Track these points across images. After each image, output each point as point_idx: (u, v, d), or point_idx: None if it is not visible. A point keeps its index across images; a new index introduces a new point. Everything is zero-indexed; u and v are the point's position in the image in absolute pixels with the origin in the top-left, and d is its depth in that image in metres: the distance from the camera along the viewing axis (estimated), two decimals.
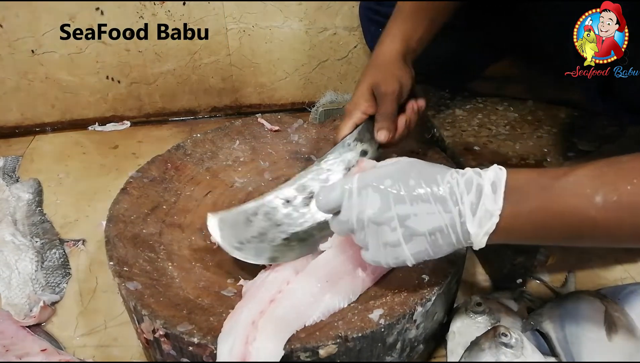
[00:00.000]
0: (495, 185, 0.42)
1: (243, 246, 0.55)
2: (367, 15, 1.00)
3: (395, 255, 0.45)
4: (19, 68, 1.05)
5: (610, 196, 0.39)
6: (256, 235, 0.56)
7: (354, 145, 0.62)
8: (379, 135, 0.62)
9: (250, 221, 0.57)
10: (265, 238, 0.56)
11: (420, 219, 0.43)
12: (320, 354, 0.48)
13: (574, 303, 0.59)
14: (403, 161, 0.47)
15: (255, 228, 0.57)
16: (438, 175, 0.44)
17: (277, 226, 0.57)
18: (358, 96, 0.64)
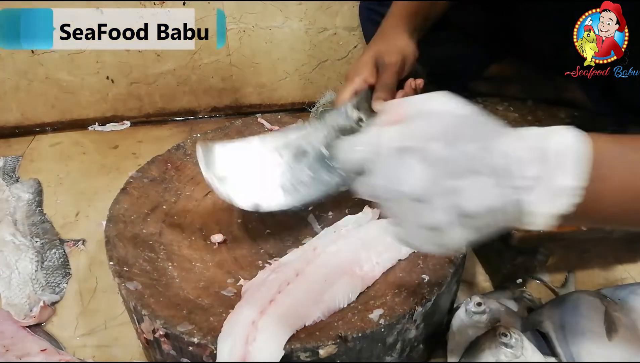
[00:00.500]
0: (574, 154, 0.33)
1: (226, 178, 0.56)
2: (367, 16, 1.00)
3: (437, 240, 0.34)
4: (19, 68, 1.05)
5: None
6: (245, 175, 0.58)
7: (350, 112, 0.62)
8: (376, 104, 0.61)
9: (241, 160, 0.58)
10: (250, 176, 0.58)
11: (472, 196, 0.32)
12: (320, 354, 0.48)
13: (574, 303, 0.59)
14: (449, 113, 0.36)
15: (244, 164, 0.58)
16: (496, 138, 0.34)
17: (266, 172, 0.59)
18: (361, 63, 0.64)
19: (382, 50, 0.63)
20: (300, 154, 0.60)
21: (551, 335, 0.57)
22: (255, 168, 0.58)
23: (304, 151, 0.60)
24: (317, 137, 0.60)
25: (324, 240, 0.60)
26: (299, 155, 0.59)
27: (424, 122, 0.34)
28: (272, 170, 0.58)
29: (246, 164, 0.58)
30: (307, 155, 0.60)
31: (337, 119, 0.61)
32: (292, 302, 0.50)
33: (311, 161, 0.59)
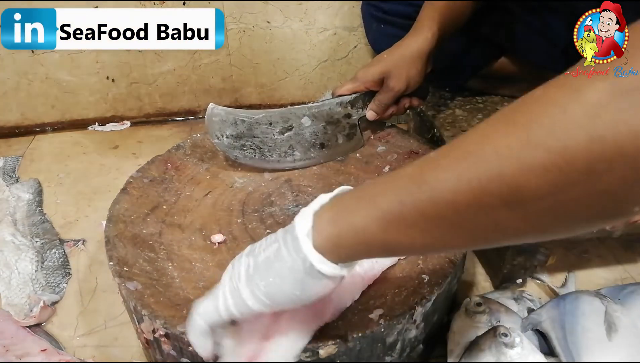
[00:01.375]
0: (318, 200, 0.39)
1: (221, 138, 0.71)
2: (369, 12, 1.00)
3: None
4: (19, 68, 1.05)
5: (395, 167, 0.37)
6: (235, 134, 0.71)
7: (344, 106, 0.73)
8: (368, 113, 0.74)
9: (236, 123, 0.71)
10: (239, 140, 0.71)
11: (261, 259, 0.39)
12: (320, 354, 0.48)
13: (574, 303, 0.59)
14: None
15: (237, 129, 0.71)
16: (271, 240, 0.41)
17: (253, 137, 0.72)
18: (371, 72, 0.70)
19: (393, 72, 0.69)
20: (287, 128, 0.72)
21: (551, 335, 0.57)
22: (246, 131, 0.72)
23: (290, 126, 0.73)
24: (306, 120, 0.73)
25: None
26: (284, 130, 0.72)
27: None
28: (260, 136, 0.72)
29: (241, 125, 0.71)
30: (291, 130, 0.73)
31: (334, 108, 0.73)
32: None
33: (292, 136, 0.73)
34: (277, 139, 0.72)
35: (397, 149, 0.78)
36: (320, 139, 0.74)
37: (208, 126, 0.71)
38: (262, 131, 0.72)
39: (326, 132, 0.74)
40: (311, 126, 0.73)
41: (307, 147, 0.74)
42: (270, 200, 0.70)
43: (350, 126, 0.75)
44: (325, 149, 0.74)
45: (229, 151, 0.72)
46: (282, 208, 0.69)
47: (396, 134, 0.81)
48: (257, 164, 0.73)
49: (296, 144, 0.73)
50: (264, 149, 0.72)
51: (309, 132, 0.73)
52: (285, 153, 0.73)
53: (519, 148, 0.28)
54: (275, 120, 0.72)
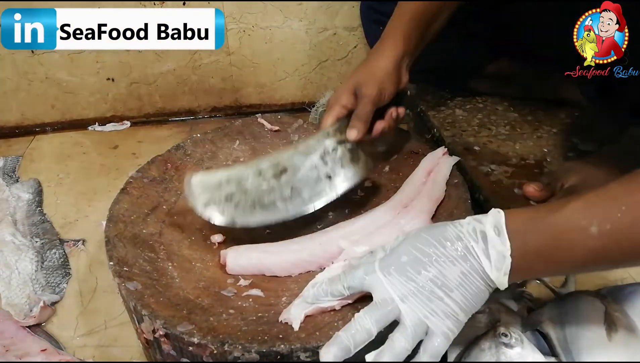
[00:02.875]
0: (497, 229, 0.45)
1: (209, 206, 0.60)
2: (368, 15, 1.00)
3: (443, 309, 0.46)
4: (19, 68, 1.05)
5: (603, 226, 0.42)
6: (223, 198, 0.60)
7: (333, 134, 0.65)
8: (349, 133, 0.64)
9: (222, 185, 0.61)
10: (231, 201, 0.61)
11: (448, 276, 0.45)
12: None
13: (574, 303, 0.59)
14: (407, 236, 0.49)
15: (225, 191, 0.61)
16: (444, 235, 0.46)
17: (245, 192, 0.61)
18: (340, 91, 0.67)
19: (361, 80, 0.66)
20: (281, 171, 0.62)
21: (551, 335, 0.57)
22: (236, 188, 0.61)
23: (284, 168, 0.62)
24: (299, 158, 0.63)
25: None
26: (278, 173, 0.62)
27: (391, 254, 0.48)
28: (253, 188, 0.61)
29: (226, 186, 0.61)
30: (286, 172, 0.62)
31: (324, 141, 0.64)
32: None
33: (291, 178, 0.62)
34: (274, 186, 0.62)
35: (397, 149, 0.78)
36: (323, 171, 0.63)
37: (192, 199, 0.61)
38: (253, 183, 0.61)
39: (326, 163, 0.63)
40: (306, 162, 0.63)
41: (312, 184, 0.62)
42: None
43: (351, 150, 0.64)
44: (334, 180, 0.63)
45: (223, 217, 0.60)
46: None
47: (396, 134, 0.81)
48: (265, 221, 0.61)
49: (298, 184, 0.62)
50: (263, 200, 0.61)
51: (306, 168, 0.63)
52: (290, 197, 0.61)
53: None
54: (264, 168, 0.62)
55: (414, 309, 0.45)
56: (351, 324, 0.45)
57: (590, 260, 0.44)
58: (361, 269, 0.48)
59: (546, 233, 0.44)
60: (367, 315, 0.45)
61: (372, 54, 0.69)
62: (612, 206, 0.42)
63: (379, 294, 0.46)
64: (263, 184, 0.61)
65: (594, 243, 0.42)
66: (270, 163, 0.63)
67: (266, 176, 0.62)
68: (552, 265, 0.45)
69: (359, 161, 0.65)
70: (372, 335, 0.45)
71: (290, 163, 0.62)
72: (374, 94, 0.65)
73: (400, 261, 0.46)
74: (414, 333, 0.44)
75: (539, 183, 0.71)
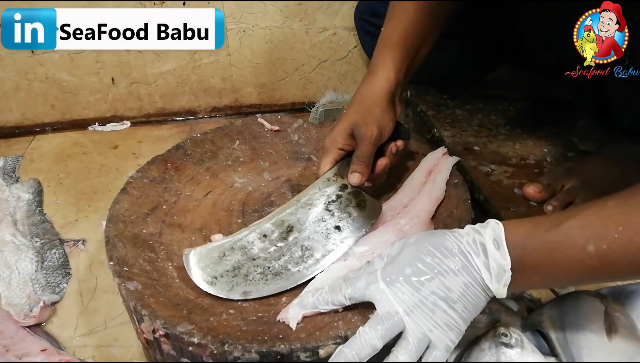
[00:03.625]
0: (497, 242, 0.46)
1: (216, 280, 0.55)
2: (361, 26, 1.01)
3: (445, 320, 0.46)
4: (19, 68, 1.05)
5: (600, 245, 0.43)
6: (230, 269, 0.56)
7: (333, 180, 0.63)
8: (352, 178, 0.61)
9: (225, 255, 0.57)
10: (239, 272, 0.56)
11: (451, 288, 0.46)
12: (320, 354, 0.48)
13: (574, 303, 0.59)
14: (406, 244, 0.49)
15: (230, 262, 0.56)
16: (445, 245, 0.47)
17: (252, 260, 0.57)
18: (337, 133, 0.63)
19: (359, 121, 0.62)
20: (287, 231, 0.59)
21: (551, 335, 0.57)
22: (241, 257, 0.57)
23: (289, 226, 0.60)
24: (303, 212, 0.60)
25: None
26: (285, 233, 0.59)
27: (393, 262, 0.48)
28: (261, 254, 0.57)
29: (231, 255, 0.57)
30: (293, 231, 0.59)
31: (325, 189, 0.62)
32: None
33: (299, 236, 0.59)
34: (283, 247, 0.58)
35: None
36: (331, 223, 0.60)
37: (193, 276, 0.55)
38: (260, 248, 0.58)
39: (332, 214, 0.60)
40: (311, 215, 0.60)
41: (322, 240, 0.59)
42: (270, 200, 0.71)
43: (355, 195, 0.62)
44: (344, 231, 0.60)
45: (233, 292, 0.54)
46: None
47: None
48: (281, 289, 0.55)
49: (308, 242, 0.58)
50: (274, 266, 0.56)
51: (312, 222, 0.60)
52: (302, 257, 0.57)
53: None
54: (267, 230, 0.59)
55: (418, 322, 0.45)
56: (356, 339, 0.45)
57: (587, 276, 0.46)
58: (362, 279, 0.48)
59: (544, 249, 0.45)
60: (372, 330, 0.45)
61: (364, 88, 0.66)
62: (609, 226, 0.43)
63: (383, 307, 0.46)
64: (270, 248, 0.58)
65: (590, 261, 0.44)
66: (274, 223, 0.60)
67: (272, 238, 0.58)
68: (549, 279, 0.47)
69: (365, 206, 0.61)
70: (377, 350, 0.45)
71: (294, 220, 0.60)
72: (374, 135, 0.61)
73: (404, 273, 0.47)
74: (418, 349, 0.45)
75: (539, 184, 0.71)
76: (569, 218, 0.45)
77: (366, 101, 0.64)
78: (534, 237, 0.46)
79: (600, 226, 0.44)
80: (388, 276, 0.47)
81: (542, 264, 0.45)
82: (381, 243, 0.59)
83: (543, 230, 0.46)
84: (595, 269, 0.44)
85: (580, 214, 0.45)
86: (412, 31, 0.68)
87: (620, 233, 0.43)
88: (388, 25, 0.69)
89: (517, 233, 0.46)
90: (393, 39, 0.67)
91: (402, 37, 0.67)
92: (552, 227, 0.45)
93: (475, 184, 0.76)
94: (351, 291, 0.48)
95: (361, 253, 0.58)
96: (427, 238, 0.48)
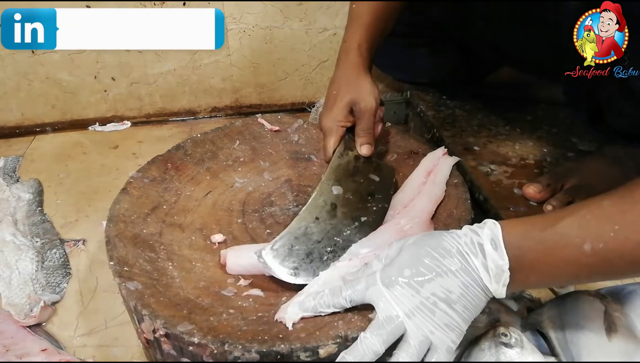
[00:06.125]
0: (495, 242, 0.46)
1: (298, 271, 0.55)
2: None
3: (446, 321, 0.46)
4: (19, 68, 1.05)
5: (596, 244, 0.44)
6: (304, 257, 0.57)
7: (346, 154, 0.67)
8: (363, 149, 0.68)
9: (293, 247, 0.57)
10: (314, 257, 0.57)
11: (450, 288, 0.46)
12: (320, 354, 0.48)
13: (573, 303, 0.59)
14: (404, 245, 0.49)
15: (302, 251, 0.57)
16: (443, 246, 0.47)
17: (318, 242, 0.58)
18: (336, 112, 0.68)
19: (355, 98, 0.67)
20: (332, 208, 0.62)
21: (551, 335, 0.57)
22: (307, 244, 0.58)
23: (332, 203, 0.62)
24: (336, 188, 0.64)
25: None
26: (331, 210, 0.62)
27: (392, 264, 0.48)
28: (322, 235, 0.59)
29: (298, 245, 0.58)
30: (338, 207, 0.62)
31: (343, 163, 0.66)
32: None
33: (345, 210, 0.62)
34: (337, 224, 0.61)
35: (397, 149, 0.79)
36: (362, 190, 0.65)
37: (277, 273, 0.55)
38: (319, 230, 0.59)
39: (360, 183, 0.65)
40: (344, 188, 0.64)
41: (364, 206, 0.63)
42: (270, 200, 0.71)
43: (369, 162, 0.68)
44: (376, 194, 0.65)
45: (318, 274, 0.55)
46: (282, 208, 0.69)
47: (396, 134, 0.81)
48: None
49: (355, 212, 0.62)
50: (339, 242, 0.59)
51: (348, 193, 0.64)
52: (357, 227, 0.61)
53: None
54: (316, 213, 0.61)
55: (419, 325, 0.45)
56: (357, 346, 0.46)
57: (584, 275, 0.47)
58: (362, 281, 0.49)
59: (540, 248, 0.45)
60: (374, 336, 0.45)
61: (345, 67, 0.70)
62: (605, 225, 0.44)
63: (384, 310, 0.46)
64: (327, 227, 0.60)
65: (587, 260, 0.44)
66: (318, 205, 0.62)
67: (324, 219, 0.61)
68: (547, 278, 0.47)
69: (382, 169, 0.69)
70: (379, 355, 0.45)
71: (333, 197, 0.63)
72: (374, 107, 0.67)
73: (403, 274, 0.47)
74: (419, 351, 0.45)
75: (539, 184, 0.71)
76: (565, 217, 0.46)
77: (352, 77, 0.69)
78: (530, 237, 0.46)
79: (596, 225, 0.44)
80: (387, 278, 0.47)
81: (539, 263, 0.46)
82: (382, 243, 0.59)
83: (539, 230, 0.46)
84: (591, 268, 0.45)
85: (577, 213, 0.46)
86: (380, 13, 0.73)
87: (616, 231, 0.43)
88: (359, 4, 0.74)
89: (514, 233, 0.46)
90: (364, 19, 0.72)
91: (373, 18, 0.72)
92: (548, 226, 0.46)
93: (475, 184, 0.76)
94: (351, 293, 0.49)
95: (364, 253, 0.58)
96: (425, 240, 0.48)
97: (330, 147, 0.67)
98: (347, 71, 0.70)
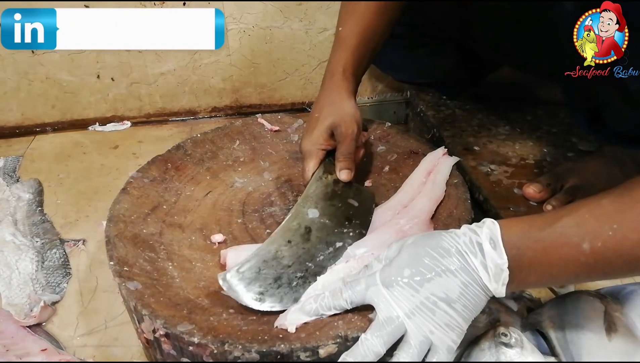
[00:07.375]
0: (493, 241, 0.46)
1: (263, 296, 0.53)
2: None
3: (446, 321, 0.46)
4: (20, 68, 1.05)
5: (595, 243, 0.44)
6: (272, 282, 0.54)
7: (324, 177, 0.65)
8: (342, 175, 0.65)
9: (261, 270, 0.55)
10: (282, 282, 0.54)
11: (450, 288, 0.46)
12: (320, 354, 0.48)
13: (573, 303, 0.59)
14: (403, 246, 0.49)
15: (269, 275, 0.54)
16: (442, 246, 0.47)
17: (288, 267, 0.56)
18: (317, 135, 0.66)
19: (337, 121, 0.65)
20: (306, 232, 0.60)
21: (551, 335, 0.57)
22: (276, 267, 0.56)
23: (307, 227, 0.60)
24: (312, 212, 0.62)
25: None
26: (305, 234, 0.60)
27: (391, 265, 0.48)
28: (294, 260, 0.57)
29: (266, 269, 0.55)
30: (312, 231, 0.60)
31: (321, 188, 0.64)
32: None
33: (318, 234, 0.60)
34: (310, 248, 0.58)
35: (397, 149, 0.79)
36: (339, 215, 0.62)
37: (241, 298, 0.52)
38: (290, 254, 0.57)
39: (338, 207, 0.63)
40: (321, 212, 0.62)
41: (340, 231, 0.61)
42: (270, 200, 0.71)
43: (348, 187, 0.66)
44: (354, 219, 0.62)
45: (285, 302, 0.53)
46: (282, 208, 0.69)
47: (396, 134, 0.81)
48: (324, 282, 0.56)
49: (329, 237, 0.60)
50: (311, 268, 0.56)
51: (324, 217, 0.62)
52: (331, 252, 0.59)
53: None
54: (289, 236, 0.59)
55: (419, 325, 0.45)
56: (358, 347, 0.46)
57: (583, 274, 0.47)
58: (362, 282, 0.49)
59: (539, 247, 0.45)
60: (375, 337, 0.45)
61: (330, 90, 0.69)
62: (603, 224, 0.44)
63: (384, 311, 0.46)
64: (299, 251, 0.57)
65: (585, 259, 0.44)
66: (291, 228, 0.59)
67: (297, 242, 0.58)
68: (546, 277, 0.47)
69: (361, 194, 0.66)
70: (380, 356, 0.45)
71: (308, 221, 0.61)
72: (355, 132, 0.66)
73: (402, 274, 0.47)
74: (420, 352, 0.45)
75: (539, 185, 0.71)
76: (563, 217, 0.46)
77: (336, 101, 0.67)
78: (529, 236, 0.46)
79: (594, 224, 0.44)
80: (387, 279, 0.47)
81: (538, 262, 0.46)
82: (381, 243, 0.59)
83: (538, 229, 0.46)
84: (590, 267, 0.45)
85: (575, 212, 0.46)
86: (367, 34, 0.72)
87: (614, 230, 0.43)
88: (345, 26, 0.73)
89: (512, 232, 0.46)
90: (350, 41, 0.71)
91: (359, 40, 0.71)
92: (547, 226, 0.46)
93: (475, 184, 0.76)
94: (351, 294, 0.49)
95: (362, 254, 0.58)
96: (424, 240, 0.49)
97: (309, 170, 0.65)
98: (330, 94, 0.69)
